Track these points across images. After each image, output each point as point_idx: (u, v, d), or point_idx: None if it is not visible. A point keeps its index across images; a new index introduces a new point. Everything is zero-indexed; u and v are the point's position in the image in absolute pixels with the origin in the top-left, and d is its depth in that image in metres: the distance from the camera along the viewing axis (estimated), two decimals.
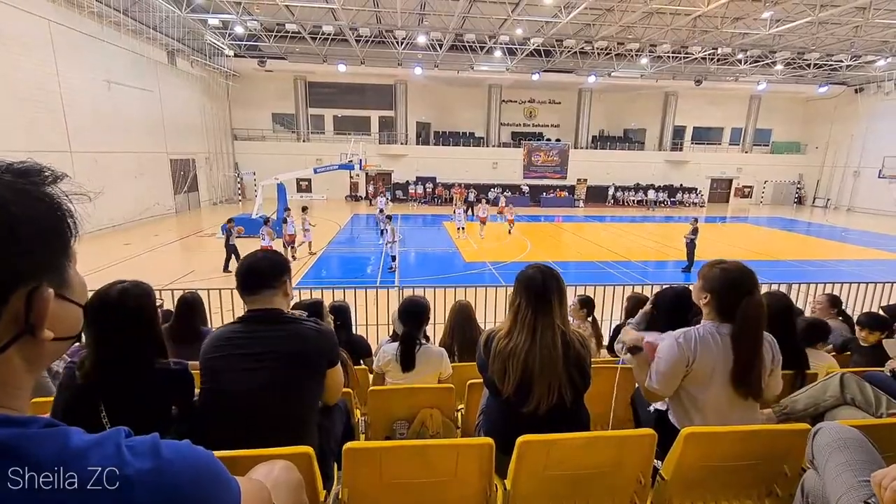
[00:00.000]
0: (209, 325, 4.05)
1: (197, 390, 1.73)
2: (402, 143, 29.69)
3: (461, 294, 5.30)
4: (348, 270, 12.12)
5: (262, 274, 1.70)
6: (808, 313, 4.40)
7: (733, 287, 1.86)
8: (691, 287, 2.09)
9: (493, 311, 5.62)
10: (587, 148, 31.12)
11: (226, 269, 10.82)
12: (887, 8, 16.54)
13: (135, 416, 1.52)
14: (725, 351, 1.86)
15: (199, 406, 1.66)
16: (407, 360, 2.68)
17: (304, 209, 13.97)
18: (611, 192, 30.30)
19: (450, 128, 31.09)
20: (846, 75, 27.26)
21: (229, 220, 11.29)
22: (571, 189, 29.98)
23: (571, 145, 30.43)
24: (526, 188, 29.48)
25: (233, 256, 10.92)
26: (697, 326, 1.95)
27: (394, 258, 11.57)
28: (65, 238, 0.59)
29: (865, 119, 28.75)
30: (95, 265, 10.19)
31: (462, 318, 3.34)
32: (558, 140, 31.03)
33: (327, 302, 3.54)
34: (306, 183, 28.63)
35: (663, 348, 1.93)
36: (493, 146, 30.57)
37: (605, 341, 4.27)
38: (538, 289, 1.81)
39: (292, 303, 2.75)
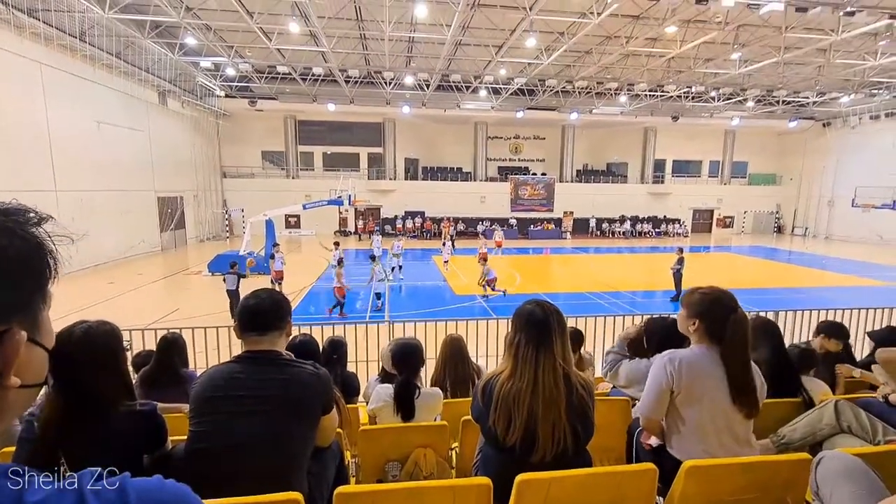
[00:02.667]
0: (192, 367, 3.95)
1: (171, 437, 1.66)
2: (390, 179, 30.18)
3: (452, 328, 5.21)
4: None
5: (269, 314, 1.67)
6: (793, 340, 4.42)
7: (719, 307, 1.90)
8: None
9: (486, 345, 5.58)
10: (572, 181, 31.95)
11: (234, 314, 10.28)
12: (846, 50, 17.65)
13: (100, 465, 1.44)
14: (717, 369, 1.87)
15: (186, 449, 1.59)
16: (407, 411, 2.57)
17: (336, 245, 13.89)
18: (592, 223, 30.95)
19: (437, 163, 31.76)
20: (814, 111, 28.69)
21: (233, 264, 10.73)
22: (558, 221, 30.56)
23: (557, 179, 31.24)
24: (514, 221, 30.00)
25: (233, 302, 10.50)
26: (686, 349, 1.97)
27: (378, 296, 11.47)
28: (43, 279, 0.57)
29: (835, 151, 30.07)
30: (76, 305, 9.91)
31: (454, 351, 3.27)
32: (544, 174, 31.84)
33: (318, 336, 3.44)
34: (295, 219, 28.72)
35: (651, 370, 1.95)
36: (481, 181, 31.24)
37: (597, 371, 4.22)
38: (539, 325, 1.74)
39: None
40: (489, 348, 5.53)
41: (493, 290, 12.47)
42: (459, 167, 31.93)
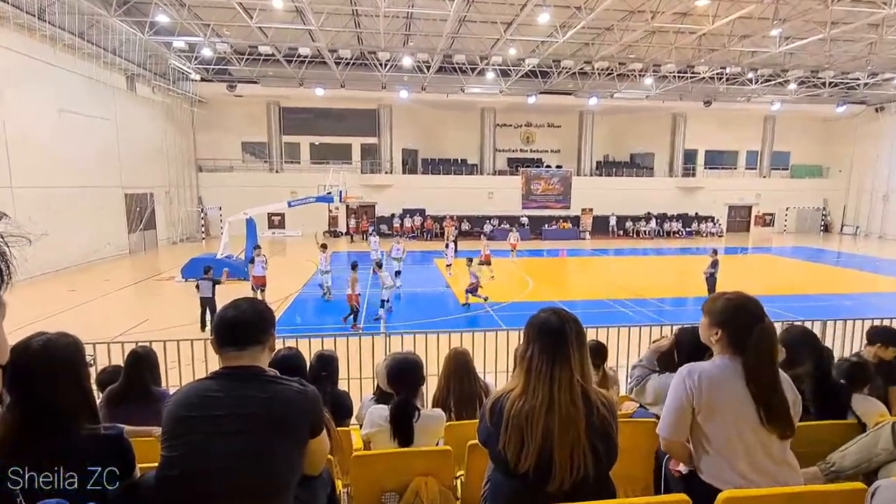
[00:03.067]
0: (164, 385, 3.97)
1: (140, 465, 1.67)
2: (386, 173, 30.29)
3: (456, 340, 5.24)
4: (327, 315, 12.07)
5: (250, 327, 1.69)
6: (843, 353, 4.35)
7: (744, 315, 1.94)
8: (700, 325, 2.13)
9: (495, 359, 5.54)
10: (591, 175, 32.01)
11: (204, 325, 10.43)
12: None
13: (57, 495, 1.44)
14: (742, 384, 1.90)
15: (157, 476, 1.59)
16: (405, 435, 2.56)
17: (324, 247, 13.66)
18: (613, 221, 30.95)
19: (439, 155, 31.85)
20: (865, 94, 28.59)
21: (207, 269, 10.87)
22: (576, 220, 30.59)
23: (574, 172, 31.30)
24: (525, 220, 30.03)
25: (207, 310, 10.58)
26: (707, 361, 2.00)
27: (383, 303, 11.63)
28: None
29: (890, 139, 29.95)
30: (35, 314, 9.95)
31: (459, 367, 3.27)
32: (559, 166, 31.88)
33: (305, 350, 3.45)
34: (279, 218, 28.86)
35: (670, 385, 1.99)
36: (488, 174, 31.31)
37: (622, 390, 4.19)
38: (554, 335, 1.76)
39: None
40: (499, 363, 5.51)
41: (474, 295, 12.44)
42: (464, 159, 31.99)
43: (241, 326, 1.68)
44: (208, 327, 10.05)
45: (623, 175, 32.25)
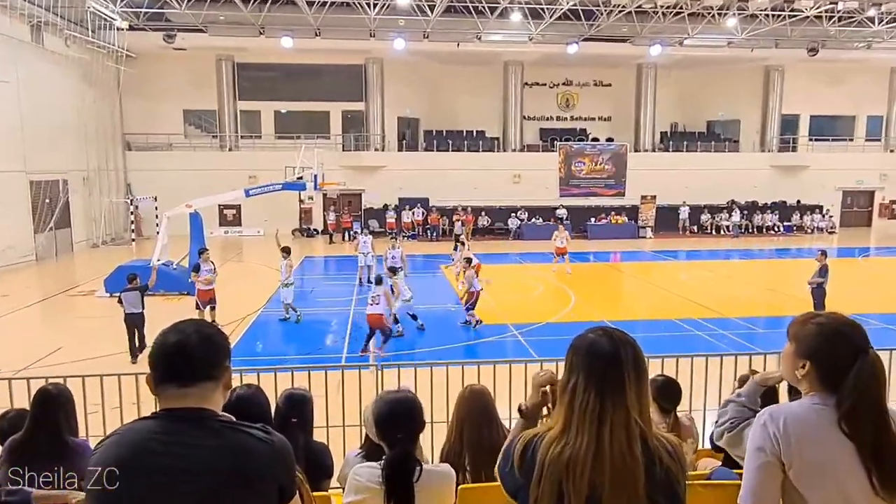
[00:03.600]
0: (82, 434, 3.98)
1: None
2: (377, 150, 30.35)
3: (472, 375, 5.21)
4: (298, 343, 11.91)
5: (197, 357, 1.71)
6: None
7: (842, 344, 1.96)
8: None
9: (524, 399, 5.57)
10: (654, 150, 31.87)
11: (135, 354, 10.61)
12: None
13: None
14: (841, 435, 1.91)
15: None
16: (403, 500, 2.55)
17: (286, 252, 13.88)
18: (684, 214, 30.74)
19: (448, 125, 31.89)
20: None
21: (132, 278, 10.98)
22: (633, 212, 30.43)
23: (630, 147, 31.15)
24: (564, 212, 29.79)
25: (136, 332, 10.72)
26: (792, 402, 2.04)
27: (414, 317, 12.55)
28: None
29: None
30: None
31: (475, 410, 3.29)
32: (610, 140, 31.79)
33: (269, 388, 3.48)
34: (234, 212, 29.08)
35: (749, 435, 2.04)
36: (514, 151, 31.21)
37: (700, 443, 4.16)
38: (605, 361, 1.78)
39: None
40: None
41: (470, 312, 13.16)
42: (481, 131, 31.95)
43: (185, 357, 1.69)
44: (144, 354, 10.04)
45: (698, 150, 32.08)
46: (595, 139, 32.08)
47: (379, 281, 11.75)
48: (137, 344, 10.64)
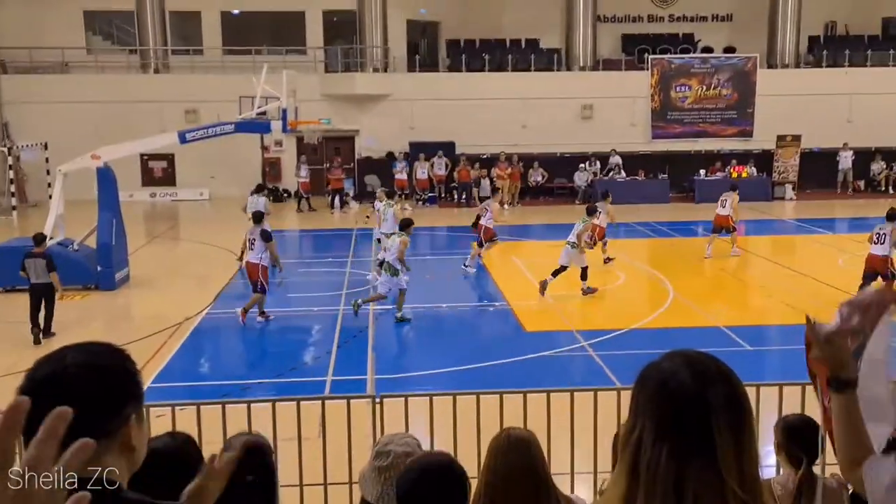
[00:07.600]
0: None
1: None
2: (376, 71, 25.77)
3: (515, 414, 4.44)
4: (259, 359, 10.79)
5: (78, 402, 1.27)
6: None
7: None
8: None
9: (592, 447, 4.92)
10: (798, 66, 26.10)
11: (40, 331, 10.52)
12: None
13: None
14: None
15: None
16: None
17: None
18: (844, 162, 23.89)
19: (482, 34, 27.22)
20: None
21: (39, 239, 10.93)
22: (765, 159, 24.50)
23: (762, 60, 25.53)
24: (617, 160, 24.41)
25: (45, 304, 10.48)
26: None
27: (400, 319, 11.61)
28: None
29: None
30: None
31: (515, 466, 2.81)
32: (730, 50, 26.25)
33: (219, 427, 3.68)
34: (164, 165, 25.22)
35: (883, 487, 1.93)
36: (582, 68, 26.01)
37: None
38: (684, 404, 1.49)
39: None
40: (600, 461, 4.90)
41: (486, 248, 13.62)
42: (533, 39, 27.22)
43: (57, 399, 1.20)
44: (51, 341, 9.94)
45: (867, 65, 26.01)
46: (707, 49, 26.51)
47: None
48: (43, 324, 10.39)
